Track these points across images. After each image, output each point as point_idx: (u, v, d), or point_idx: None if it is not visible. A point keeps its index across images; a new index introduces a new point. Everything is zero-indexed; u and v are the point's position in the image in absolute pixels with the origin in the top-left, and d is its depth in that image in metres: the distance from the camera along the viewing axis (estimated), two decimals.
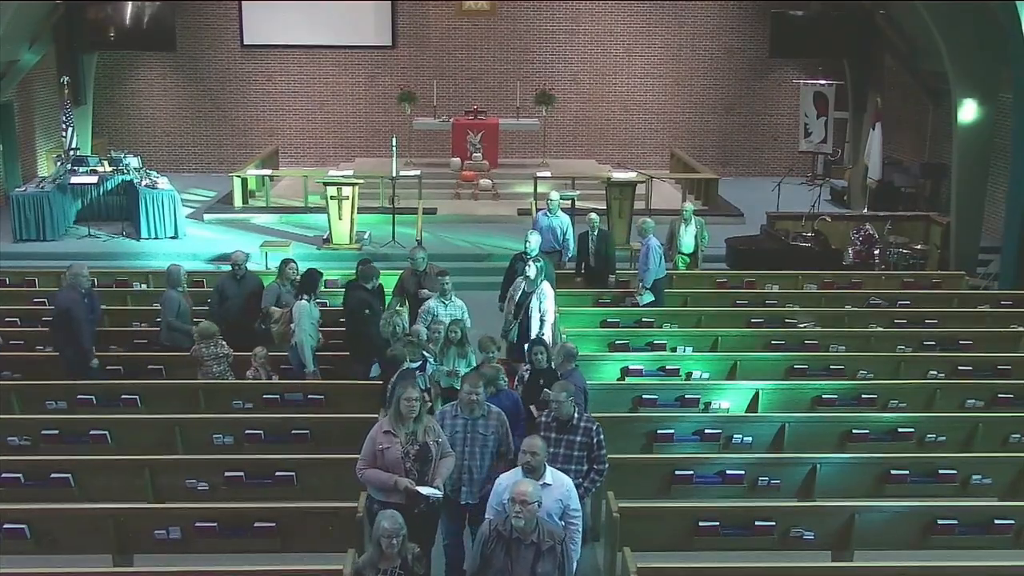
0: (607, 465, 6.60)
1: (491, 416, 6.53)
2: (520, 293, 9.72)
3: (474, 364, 8.38)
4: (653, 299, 11.35)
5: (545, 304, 9.69)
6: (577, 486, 6.40)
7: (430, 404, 7.44)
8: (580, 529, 5.81)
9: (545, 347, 8.06)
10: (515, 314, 9.70)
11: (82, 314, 9.08)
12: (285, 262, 10.21)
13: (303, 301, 9.30)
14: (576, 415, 6.54)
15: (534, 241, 10.68)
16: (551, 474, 5.76)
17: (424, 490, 6.03)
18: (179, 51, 21.43)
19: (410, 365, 7.93)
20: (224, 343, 9.12)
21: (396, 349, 8.04)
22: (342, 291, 10.90)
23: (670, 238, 13.21)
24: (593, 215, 12.28)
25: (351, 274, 11.90)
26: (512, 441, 6.62)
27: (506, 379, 7.50)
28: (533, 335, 9.37)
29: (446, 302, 9.36)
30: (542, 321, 9.60)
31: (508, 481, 5.69)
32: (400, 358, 7.89)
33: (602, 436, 6.53)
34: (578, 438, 6.48)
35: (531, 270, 9.67)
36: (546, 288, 9.76)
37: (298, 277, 9.83)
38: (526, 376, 7.96)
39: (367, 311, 9.52)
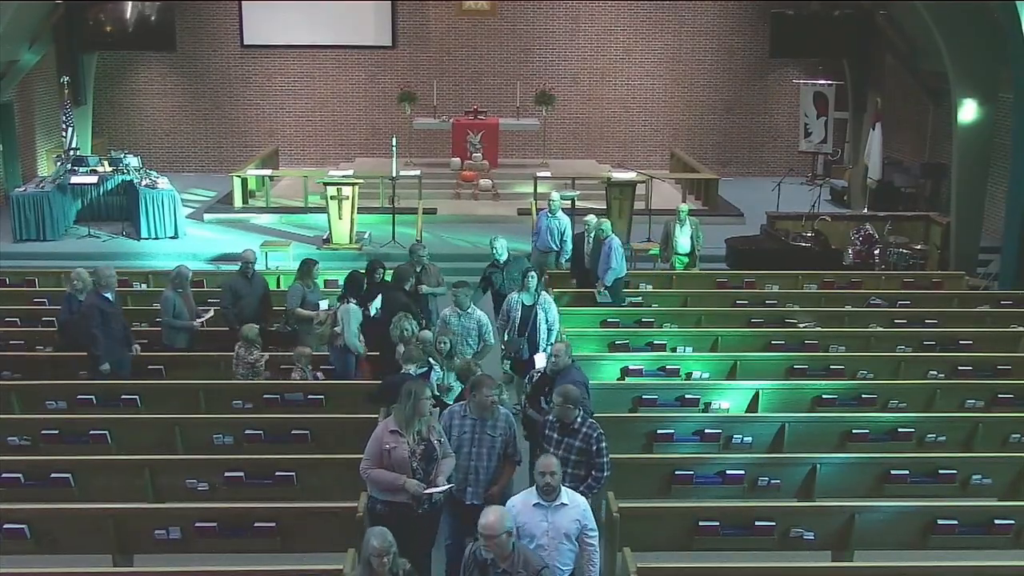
0: (607, 473, 6.50)
1: (499, 418, 6.52)
2: (520, 309, 9.50)
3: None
4: (611, 298, 11.36)
5: (552, 315, 9.55)
6: (572, 489, 6.42)
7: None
8: (598, 550, 5.71)
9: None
10: (520, 331, 9.48)
11: (97, 322, 9.00)
12: (311, 263, 10.18)
13: (351, 304, 9.34)
14: (580, 419, 6.49)
15: (500, 246, 10.64)
16: (566, 494, 5.63)
17: (431, 490, 6.04)
18: (179, 51, 21.45)
19: (416, 371, 7.89)
20: (256, 350, 9.12)
21: (412, 350, 7.96)
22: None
23: (665, 239, 13.21)
24: (591, 217, 12.26)
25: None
26: (517, 442, 6.62)
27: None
28: (542, 347, 9.24)
29: (460, 314, 9.14)
30: (549, 331, 9.46)
31: (520, 503, 5.62)
32: (416, 357, 7.81)
33: (603, 444, 6.45)
34: (576, 442, 6.43)
35: (531, 282, 9.53)
36: (548, 297, 9.67)
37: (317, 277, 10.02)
38: (535, 377, 7.91)
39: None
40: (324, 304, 9.93)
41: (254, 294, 10.06)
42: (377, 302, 9.79)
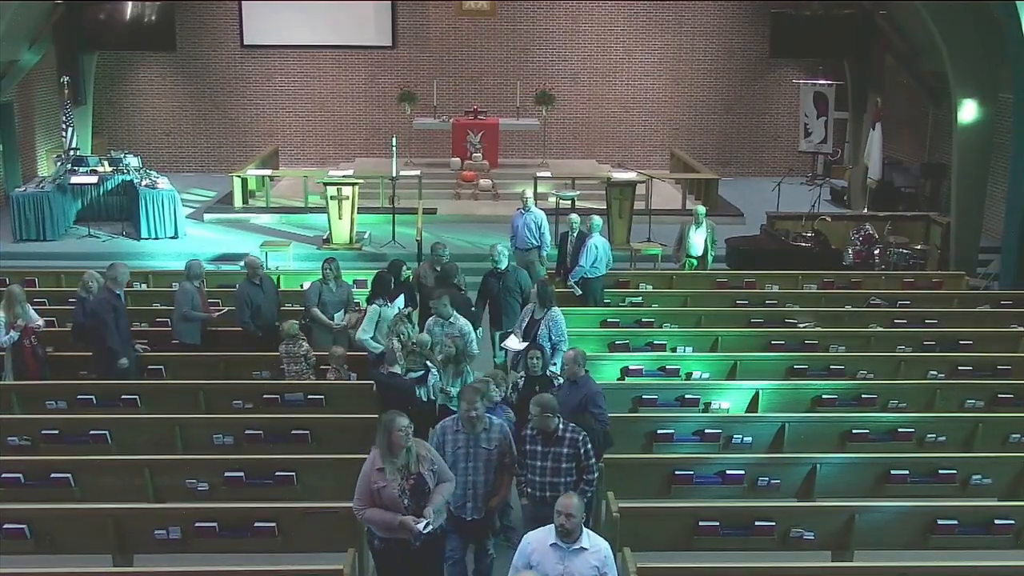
0: (596, 474, 6.51)
1: (493, 429, 6.40)
2: (528, 319, 9.24)
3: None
4: (581, 293, 11.38)
5: (557, 332, 9.01)
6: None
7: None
8: None
9: (541, 353, 7.87)
10: (523, 338, 9.19)
11: (110, 316, 9.04)
12: (326, 262, 10.20)
13: (375, 306, 9.38)
14: (561, 426, 6.38)
15: (498, 253, 10.32)
16: (588, 537, 5.27)
17: (420, 524, 5.69)
18: (179, 51, 21.44)
19: (412, 374, 7.87)
20: (304, 343, 9.18)
21: (386, 346, 7.92)
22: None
23: (679, 239, 13.17)
24: (573, 216, 12.28)
25: (354, 273, 11.93)
26: (515, 451, 6.51)
27: (499, 392, 7.24)
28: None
29: (443, 323, 8.88)
30: (555, 350, 8.93)
31: (536, 541, 5.32)
32: (390, 357, 7.76)
33: (589, 445, 6.41)
34: (564, 450, 6.34)
35: (535, 298, 9.21)
36: (556, 315, 9.12)
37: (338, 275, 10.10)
38: (521, 383, 7.81)
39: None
40: (339, 315, 9.97)
41: (268, 299, 10.05)
42: (399, 301, 9.83)
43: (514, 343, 9.20)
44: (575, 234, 11.94)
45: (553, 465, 6.35)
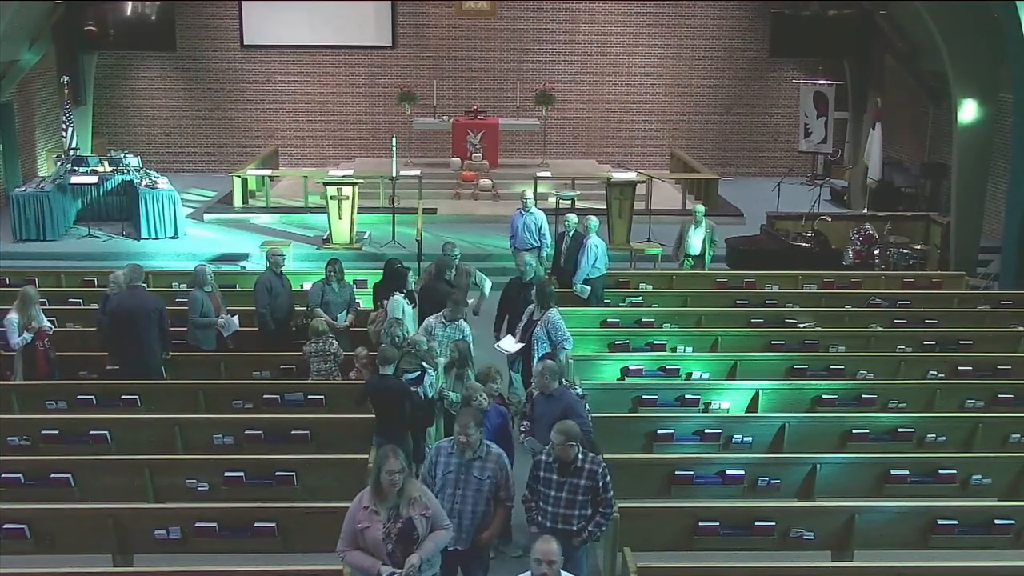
0: (614, 508, 6.20)
1: (489, 458, 6.03)
2: (527, 319, 9.22)
3: None
4: (589, 290, 11.41)
5: (557, 335, 8.95)
6: (580, 530, 6.03)
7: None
8: None
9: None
10: (520, 338, 9.24)
11: (163, 305, 9.25)
12: (329, 262, 10.23)
13: (396, 296, 9.45)
14: (580, 456, 6.00)
15: (525, 264, 10.19)
16: None
17: (386, 573, 5.26)
18: (179, 51, 21.46)
19: (408, 376, 7.85)
20: (334, 341, 9.16)
21: (388, 350, 7.89)
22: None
23: (679, 239, 13.16)
24: (571, 216, 12.31)
25: (354, 274, 11.93)
26: (512, 485, 6.20)
27: (485, 394, 7.17)
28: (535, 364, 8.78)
29: (447, 324, 8.87)
30: (559, 350, 8.90)
31: None
32: (391, 357, 7.74)
33: (608, 478, 6.05)
34: (582, 481, 5.97)
35: (534, 299, 9.19)
36: (552, 316, 9.06)
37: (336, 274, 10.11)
38: (535, 393, 7.59)
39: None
40: (343, 316, 9.99)
41: (286, 292, 10.09)
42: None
43: (510, 344, 9.22)
44: (571, 234, 11.93)
45: (568, 497, 6.00)
